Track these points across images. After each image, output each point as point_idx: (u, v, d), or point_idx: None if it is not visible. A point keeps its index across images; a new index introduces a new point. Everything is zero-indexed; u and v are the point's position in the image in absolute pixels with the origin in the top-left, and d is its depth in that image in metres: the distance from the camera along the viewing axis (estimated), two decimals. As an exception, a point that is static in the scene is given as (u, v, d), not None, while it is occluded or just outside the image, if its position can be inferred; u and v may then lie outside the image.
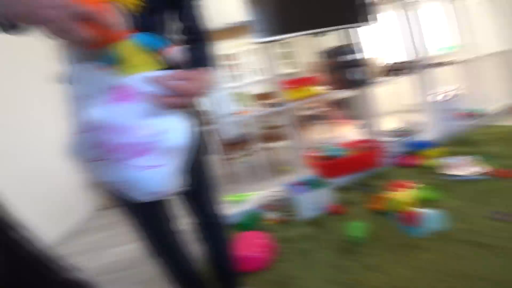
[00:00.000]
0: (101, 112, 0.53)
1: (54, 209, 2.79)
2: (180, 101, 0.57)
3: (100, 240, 2.42)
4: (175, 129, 0.60)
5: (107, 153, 0.54)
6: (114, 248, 2.10)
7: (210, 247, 1.03)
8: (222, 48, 6.06)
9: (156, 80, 0.55)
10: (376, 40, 4.00)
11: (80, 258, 2.09)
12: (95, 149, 0.55)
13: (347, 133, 4.00)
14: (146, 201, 0.57)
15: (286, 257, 1.39)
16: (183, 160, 0.64)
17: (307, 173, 2.13)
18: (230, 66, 6.24)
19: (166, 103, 0.56)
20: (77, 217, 3.14)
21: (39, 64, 3.09)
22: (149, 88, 0.55)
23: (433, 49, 2.52)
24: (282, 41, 2.07)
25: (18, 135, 2.67)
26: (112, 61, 0.57)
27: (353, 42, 2.13)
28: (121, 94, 0.55)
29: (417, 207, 1.41)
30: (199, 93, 0.62)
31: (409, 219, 1.33)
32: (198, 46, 0.91)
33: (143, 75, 0.56)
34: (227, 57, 6.19)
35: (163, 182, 0.59)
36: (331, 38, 2.27)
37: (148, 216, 0.86)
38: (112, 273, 1.74)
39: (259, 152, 2.94)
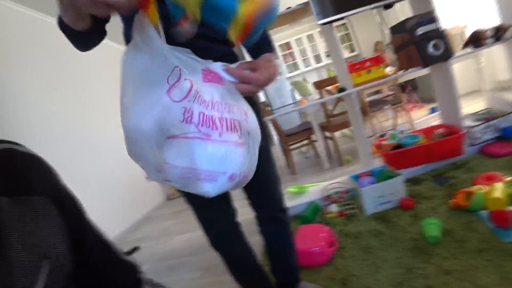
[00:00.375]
0: (198, 86, 0.56)
1: (130, 198, 3.16)
2: (249, 89, 0.65)
3: (167, 227, 2.64)
4: (251, 113, 0.67)
5: (199, 126, 0.55)
6: (179, 235, 2.27)
7: (273, 240, 1.02)
8: (280, 37, 6.01)
9: (228, 70, 0.63)
10: (456, 6, 3.44)
11: (148, 244, 2.32)
12: (187, 123, 0.54)
13: (420, 117, 3.58)
14: (213, 195, 0.58)
15: (349, 253, 1.32)
16: (258, 144, 0.69)
17: (374, 163, 1.98)
18: (287, 54, 6.12)
19: (238, 90, 0.64)
20: (150, 206, 3.50)
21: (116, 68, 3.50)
22: (226, 76, 0.63)
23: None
24: (339, 24, 1.91)
25: (99, 133, 3.06)
26: (179, 11, 0.59)
27: (428, 10, 1.85)
28: (211, 76, 0.61)
29: (509, 205, 1.19)
30: (266, 82, 0.68)
31: (499, 219, 1.12)
32: None
33: (220, 64, 0.63)
34: (285, 45, 6.08)
35: (245, 163, 0.63)
36: (398, 12, 2.02)
37: (213, 208, 0.88)
38: (175, 258, 1.88)
39: (321, 142, 2.84)
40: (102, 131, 3.06)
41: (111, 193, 2.89)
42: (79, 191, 0.45)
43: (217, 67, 0.63)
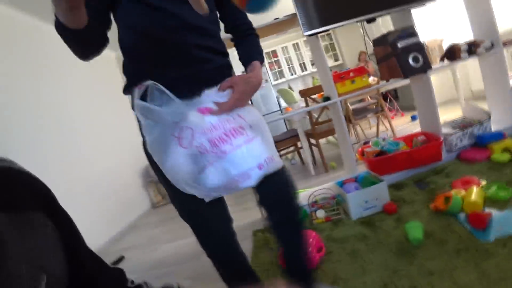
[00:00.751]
0: (197, 122, 0.72)
1: (115, 207, 3.08)
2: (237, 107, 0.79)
3: (154, 235, 2.59)
4: (244, 109, 0.80)
5: (214, 148, 0.70)
6: (167, 244, 2.23)
7: (289, 242, 0.98)
8: (267, 45, 6.10)
9: (214, 113, 0.75)
10: (434, 20, 3.63)
11: (134, 253, 2.26)
12: (206, 154, 0.70)
13: (401, 125, 3.72)
14: (255, 185, 0.74)
15: (336, 257, 1.35)
16: (267, 131, 0.81)
17: (358, 170, 2.04)
18: (273, 62, 6.22)
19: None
20: (135, 214, 3.42)
21: (110, 78, 3.46)
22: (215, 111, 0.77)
23: (505, 26, 2.18)
24: (324, 34, 1.98)
25: (85, 141, 2.99)
26: None
27: (408, 25, 1.95)
28: (204, 109, 0.75)
29: (485, 208, 1.26)
30: (248, 98, 0.80)
31: (476, 221, 1.19)
32: (250, 40, 0.96)
33: (209, 99, 0.77)
34: (272, 53, 6.18)
35: (263, 150, 0.76)
36: (380, 25, 2.11)
37: (212, 216, 0.88)
38: (163, 267, 1.83)
39: (307, 149, 2.89)
40: (89, 140, 2.99)
41: (95, 201, 2.81)
42: (63, 200, 0.45)
43: (207, 101, 0.77)
